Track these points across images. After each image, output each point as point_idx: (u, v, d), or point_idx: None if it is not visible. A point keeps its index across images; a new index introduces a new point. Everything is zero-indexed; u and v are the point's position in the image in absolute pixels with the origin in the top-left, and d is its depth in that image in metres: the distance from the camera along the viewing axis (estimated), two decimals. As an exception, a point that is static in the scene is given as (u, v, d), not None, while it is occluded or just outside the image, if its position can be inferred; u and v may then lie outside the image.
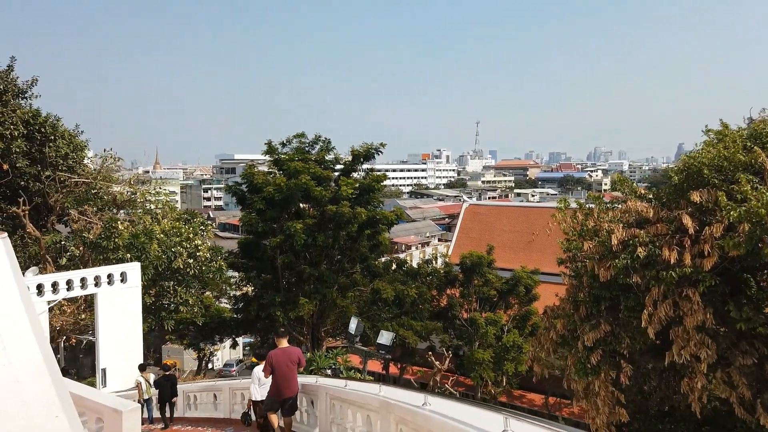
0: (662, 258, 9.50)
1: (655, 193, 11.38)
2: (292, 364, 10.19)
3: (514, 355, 30.91)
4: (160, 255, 23.05)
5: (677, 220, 9.88)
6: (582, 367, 10.67)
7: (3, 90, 26.27)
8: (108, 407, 7.78)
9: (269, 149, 30.25)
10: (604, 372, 10.41)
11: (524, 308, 33.57)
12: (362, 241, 30.22)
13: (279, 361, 10.08)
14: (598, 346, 10.35)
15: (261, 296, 29.50)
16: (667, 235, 9.87)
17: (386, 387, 8.24)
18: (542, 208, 55.73)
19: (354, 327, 12.86)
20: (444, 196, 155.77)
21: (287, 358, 10.15)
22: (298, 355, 10.40)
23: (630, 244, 9.93)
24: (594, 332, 10.20)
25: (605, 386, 10.37)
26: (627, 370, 10.21)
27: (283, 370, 10.07)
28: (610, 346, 10.38)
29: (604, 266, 10.09)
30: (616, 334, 10.34)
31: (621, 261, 9.80)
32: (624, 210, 10.81)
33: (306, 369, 16.14)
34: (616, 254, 9.95)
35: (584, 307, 10.89)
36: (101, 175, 28.01)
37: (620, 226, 10.19)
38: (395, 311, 31.25)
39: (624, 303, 10.30)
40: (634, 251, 9.84)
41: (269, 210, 28.40)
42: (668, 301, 9.46)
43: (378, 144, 30.39)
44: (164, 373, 16.08)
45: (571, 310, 11.21)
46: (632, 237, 10.07)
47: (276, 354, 10.24)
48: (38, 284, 17.46)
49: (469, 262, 33.00)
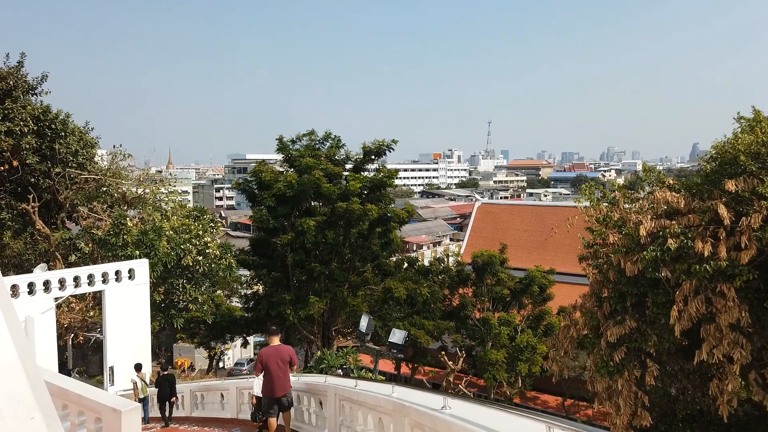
0: (694, 251, 8.90)
1: (684, 183, 10.79)
2: (283, 362, 10.10)
3: (528, 356, 30.33)
4: (169, 252, 22.75)
5: (711, 211, 9.27)
6: (604, 366, 10.08)
7: (13, 86, 26.15)
8: (107, 407, 7.40)
9: (280, 145, 29.91)
10: (628, 371, 9.80)
11: (538, 308, 32.98)
12: (373, 239, 29.79)
13: (269, 359, 10.03)
14: (622, 343, 9.75)
15: (271, 294, 29.17)
16: (700, 227, 9.26)
17: (399, 387, 7.68)
18: (555, 207, 55.04)
19: (365, 325, 12.42)
20: (455, 195, 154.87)
21: (278, 356, 10.09)
22: (290, 353, 10.30)
23: (659, 236, 9.35)
24: (618, 328, 9.61)
25: (628, 386, 9.77)
26: (653, 369, 9.61)
27: (274, 369, 9.99)
28: (635, 343, 9.77)
29: (631, 260, 9.50)
30: (642, 332, 9.73)
31: (649, 254, 9.19)
32: (652, 200, 10.16)
33: (316, 368, 15.75)
34: (644, 247, 9.37)
35: (608, 304, 10.31)
36: (111, 171, 27.80)
37: (648, 217, 9.58)
38: (407, 310, 30.78)
39: (651, 299, 9.68)
40: (664, 243, 9.27)
41: (280, 207, 28.06)
42: (700, 297, 8.85)
43: (390, 141, 29.95)
44: (163, 373, 16.12)
45: (594, 307, 10.60)
46: (662, 228, 9.50)
47: (267, 352, 10.17)
48: (45, 281, 17.21)
49: (481, 261, 32.44)
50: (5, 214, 26.89)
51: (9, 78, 26.04)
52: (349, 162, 31.12)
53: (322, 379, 10.08)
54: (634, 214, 10.08)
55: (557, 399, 35.87)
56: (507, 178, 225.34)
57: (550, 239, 46.29)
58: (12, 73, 26.39)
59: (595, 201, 11.82)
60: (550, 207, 55.18)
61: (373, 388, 8.36)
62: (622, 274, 9.80)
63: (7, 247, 26.73)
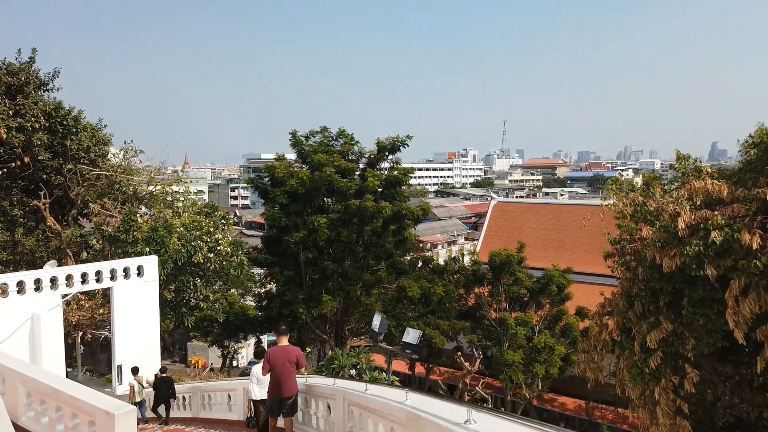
0: (740, 243, 8.15)
1: (723, 171, 10.00)
2: (290, 363, 9.91)
3: (546, 357, 29.59)
4: (179, 249, 22.38)
5: (758, 199, 8.45)
6: (638, 372, 9.36)
7: (24, 82, 25.97)
8: (100, 409, 6.92)
9: (294, 140, 29.46)
10: (665, 378, 9.05)
11: (556, 308, 32.21)
12: (387, 237, 29.23)
13: (276, 359, 9.89)
14: (659, 348, 9.01)
15: (284, 293, 28.75)
16: (746, 217, 8.46)
17: (414, 394, 6.94)
18: (573, 205, 54.04)
19: (377, 324, 11.85)
20: (470, 195, 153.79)
21: (285, 356, 9.93)
22: (297, 354, 10.13)
23: (701, 229, 8.59)
24: (656, 332, 8.87)
25: (666, 394, 9.02)
26: (692, 376, 8.87)
27: (280, 369, 9.83)
28: (672, 347, 9.03)
29: (668, 255, 8.76)
30: (679, 334, 8.99)
31: (692, 248, 8.43)
32: (689, 190, 9.36)
33: (327, 368, 15.24)
34: (683, 240, 8.62)
35: (639, 303, 9.57)
36: (121, 168, 27.55)
37: (687, 208, 8.82)
38: (421, 310, 30.20)
39: (689, 297, 8.93)
40: (707, 236, 8.48)
41: (292, 204, 27.61)
42: (752, 296, 8.10)
43: (404, 136, 29.34)
44: (161, 375, 16.26)
45: (624, 307, 9.86)
46: (703, 220, 8.70)
47: (274, 352, 10.04)
48: (52, 277, 16.88)
49: (498, 260, 31.73)
50: (17, 211, 26.75)
51: (20, 74, 25.87)
52: (363, 158, 30.58)
53: (330, 382, 9.46)
54: (671, 203, 9.25)
55: (575, 401, 35.09)
56: (522, 177, 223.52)
57: (568, 238, 45.42)
58: (23, 69, 26.22)
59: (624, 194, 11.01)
60: (568, 205, 54.20)
61: (385, 393, 7.71)
62: (655, 271, 9.06)
63: (19, 244, 26.59)
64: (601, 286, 40.56)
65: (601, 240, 46.13)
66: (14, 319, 16.06)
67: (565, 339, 31.21)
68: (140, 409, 16.18)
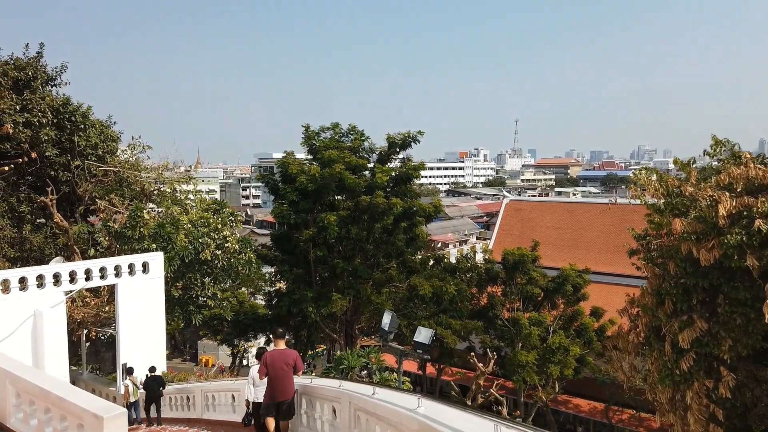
0: (787, 233, 7.44)
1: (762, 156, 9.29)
2: (287, 366, 9.78)
3: (560, 358, 28.89)
4: (186, 245, 21.94)
5: (804, 185, 7.75)
6: (668, 374, 8.70)
7: (32, 77, 25.72)
8: (89, 412, 6.45)
9: (306, 134, 29.03)
10: (698, 381, 8.39)
11: (570, 308, 31.49)
12: (398, 235, 28.70)
13: (274, 362, 9.80)
14: (691, 349, 8.35)
15: (293, 291, 28.34)
16: (793, 204, 7.73)
17: (427, 401, 6.24)
18: (587, 203, 53.12)
19: (387, 322, 11.31)
20: (482, 194, 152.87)
21: (282, 360, 9.84)
22: (294, 358, 10.01)
23: (743, 217, 7.93)
24: (689, 331, 8.20)
25: (699, 398, 8.37)
26: (728, 379, 8.22)
27: (277, 372, 9.73)
28: (706, 348, 8.36)
29: (705, 247, 8.08)
30: (714, 334, 8.32)
31: (734, 238, 7.77)
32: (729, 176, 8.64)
33: (335, 368, 14.74)
34: (722, 230, 7.96)
35: (670, 301, 8.91)
36: (129, 164, 27.23)
37: (727, 195, 8.15)
38: (433, 309, 29.65)
39: (725, 294, 8.25)
40: (750, 225, 7.84)
41: (302, 201, 27.18)
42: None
43: (416, 132, 28.81)
44: (151, 374, 16.48)
45: (653, 305, 9.19)
46: (745, 208, 8.02)
47: (271, 355, 9.95)
48: (55, 273, 16.51)
49: (512, 259, 31.07)
50: (24, 207, 26.51)
51: (28, 68, 25.63)
52: (373, 154, 30.10)
53: (336, 384, 8.89)
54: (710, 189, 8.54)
55: (589, 403, 34.39)
56: (535, 176, 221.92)
57: (582, 237, 44.63)
58: (31, 64, 25.97)
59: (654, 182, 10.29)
60: (582, 204, 53.22)
61: (395, 398, 7.03)
62: (689, 265, 8.39)
63: (27, 240, 26.34)
64: (616, 286, 39.81)
65: (617, 239, 45.38)
66: (16, 316, 15.71)
67: (579, 340, 30.52)
68: (135, 409, 16.49)
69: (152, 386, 16.01)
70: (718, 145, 10.22)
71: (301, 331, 33.15)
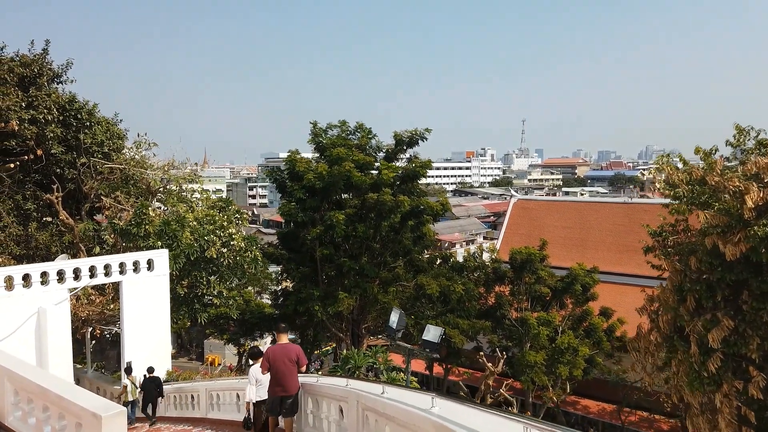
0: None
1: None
2: (290, 361, 9.69)
3: (569, 358, 28.55)
4: (192, 243, 21.75)
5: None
6: (696, 377, 8.28)
7: (37, 73, 25.62)
8: (87, 411, 6.22)
9: (314, 131, 28.79)
10: (726, 383, 8.01)
11: (579, 308, 31.14)
12: (405, 233, 28.43)
13: (276, 357, 9.71)
14: (718, 349, 7.96)
15: (299, 290, 28.14)
16: (825, 197, 7.36)
17: (441, 400, 5.73)
18: (596, 203, 52.67)
19: (395, 320, 11.05)
20: (489, 194, 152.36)
21: (285, 355, 9.76)
22: (297, 352, 9.94)
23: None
24: (717, 330, 7.79)
25: (729, 402, 7.97)
26: (758, 380, 7.85)
27: (280, 368, 9.63)
28: (734, 348, 7.98)
29: (731, 240, 7.70)
30: (740, 333, 7.94)
31: (762, 230, 7.34)
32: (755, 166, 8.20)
33: (342, 368, 14.49)
34: (749, 223, 7.59)
35: (692, 298, 8.54)
36: (134, 161, 27.10)
37: (754, 186, 7.76)
38: (440, 308, 29.37)
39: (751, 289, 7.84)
40: None
41: (309, 199, 26.97)
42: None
43: (423, 129, 28.54)
44: (149, 375, 16.65)
45: (675, 303, 8.81)
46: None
47: (274, 350, 9.89)
48: (59, 270, 16.35)
49: (519, 258, 30.74)
50: (30, 205, 26.42)
51: (33, 65, 25.53)
52: (380, 152, 29.85)
53: (343, 383, 8.57)
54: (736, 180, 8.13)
55: (598, 404, 34.07)
56: (542, 176, 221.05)
57: (591, 237, 44.25)
58: (36, 61, 25.88)
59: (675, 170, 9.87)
60: (590, 203, 52.77)
61: (406, 397, 6.58)
62: (714, 259, 7.99)
63: (33, 238, 26.25)
64: (626, 286, 39.48)
65: (626, 238, 44.81)
66: (20, 314, 15.56)
67: (589, 340, 30.19)
68: (132, 409, 16.70)
69: (149, 387, 16.22)
70: (742, 134, 9.81)
71: (308, 330, 32.95)
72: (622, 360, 33.16)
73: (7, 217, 25.42)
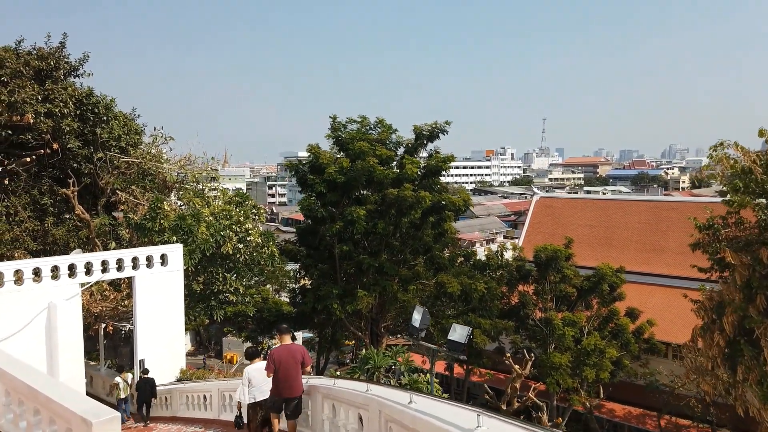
0: None
1: None
2: (296, 362, 9.46)
3: (596, 360, 27.53)
4: (207, 238, 21.23)
5: None
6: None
7: (54, 66, 25.30)
8: (77, 416, 5.58)
9: (333, 125, 28.08)
10: None
11: (605, 309, 30.07)
12: (426, 229, 27.61)
13: (282, 359, 9.48)
14: None
15: (318, 287, 27.47)
16: None
17: (489, 419, 4.75)
18: (621, 201, 51.27)
19: (418, 318, 10.28)
20: (509, 193, 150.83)
21: (290, 356, 9.52)
22: (302, 353, 9.74)
23: None
24: None
25: None
26: None
27: (285, 369, 9.39)
28: None
29: None
30: None
31: None
32: None
33: (361, 368, 13.78)
34: None
35: (763, 297, 7.60)
36: (150, 155, 26.66)
37: None
38: (461, 307, 28.51)
39: None
40: None
41: (330, 193, 26.30)
42: None
43: (443, 122, 27.67)
44: (144, 376, 16.92)
45: (741, 302, 7.88)
46: None
47: (279, 351, 9.64)
48: (70, 264, 15.87)
49: (544, 256, 29.74)
50: (47, 200, 26.15)
51: (50, 58, 25.21)
52: (400, 148, 29.05)
53: (362, 387, 7.77)
54: None
55: (624, 408, 32.94)
56: (563, 175, 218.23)
57: (616, 236, 43.02)
58: (53, 54, 25.56)
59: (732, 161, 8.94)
60: (615, 201, 51.37)
61: (439, 410, 5.45)
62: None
63: (50, 233, 25.98)
64: (652, 286, 38.24)
65: (652, 237, 43.36)
66: (30, 309, 15.10)
67: (616, 342, 29.12)
68: (124, 405, 17.14)
69: (143, 388, 16.41)
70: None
71: (326, 329, 32.31)
72: (650, 362, 32.08)
73: (23, 211, 25.15)
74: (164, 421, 15.22)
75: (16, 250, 24.29)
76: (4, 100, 22.72)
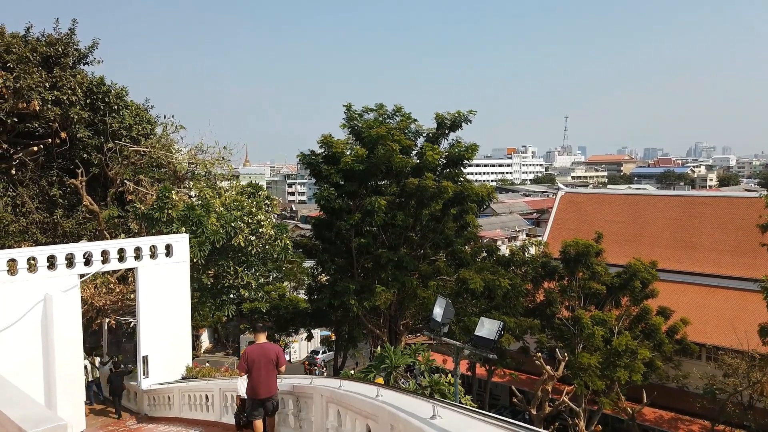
0: None
1: None
2: (269, 361, 9.28)
3: (627, 362, 25.99)
4: (218, 229, 20.20)
5: None
6: None
7: (62, 53, 24.51)
8: (15, 424, 4.43)
9: (348, 114, 26.79)
10: None
11: (635, 307, 28.47)
12: (447, 222, 26.26)
13: (254, 358, 9.27)
14: None
15: (334, 283, 26.29)
16: None
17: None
18: (651, 196, 49.38)
19: (441, 312, 9.06)
20: (531, 191, 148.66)
21: (264, 355, 9.32)
22: (277, 352, 9.50)
23: None
24: None
25: None
26: None
27: (258, 369, 9.22)
28: None
29: None
30: None
31: None
32: None
33: (377, 367, 12.57)
34: None
35: None
36: (160, 144, 25.73)
37: None
38: (484, 305, 27.12)
39: None
40: None
41: (346, 183, 25.07)
42: None
43: (467, 111, 26.31)
44: (115, 370, 18.09)
45: None
46: None
47: (252, 350, 9.42)
48: (68, 254, 14.90)
49: (573, 252, 28.22)
50: (56, 191, 25.41)
51: (58, 45, 24.41)
52: (420, 137, 27.70)
53: (372, 392, 6.37)
54: None
55: (655, 411, 31.34)
56: (586, 173, 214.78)
57: (646, 232, 41.24)
58: (62, 40, 24.77)
59: None
60: (644, 196, 49.49)
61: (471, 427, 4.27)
62: None
63: (59, 225, 25.25)
64: (685, 284, 36.46)
65: (684, 233, 41.42)
66: (24, 300, 14.15)
67: (648, 342, 27.52)
68: (93, 388, 18.35)
69: (117, 382, 17.39)
70: None
71: (343, 326, 31.18)
72: (682, 364, 30.45)
73: (31, 202, 24.41)
74: (165, 422, 14.23)
75: (24, 242, 23.58)
76: (10, 86, 21.97)
